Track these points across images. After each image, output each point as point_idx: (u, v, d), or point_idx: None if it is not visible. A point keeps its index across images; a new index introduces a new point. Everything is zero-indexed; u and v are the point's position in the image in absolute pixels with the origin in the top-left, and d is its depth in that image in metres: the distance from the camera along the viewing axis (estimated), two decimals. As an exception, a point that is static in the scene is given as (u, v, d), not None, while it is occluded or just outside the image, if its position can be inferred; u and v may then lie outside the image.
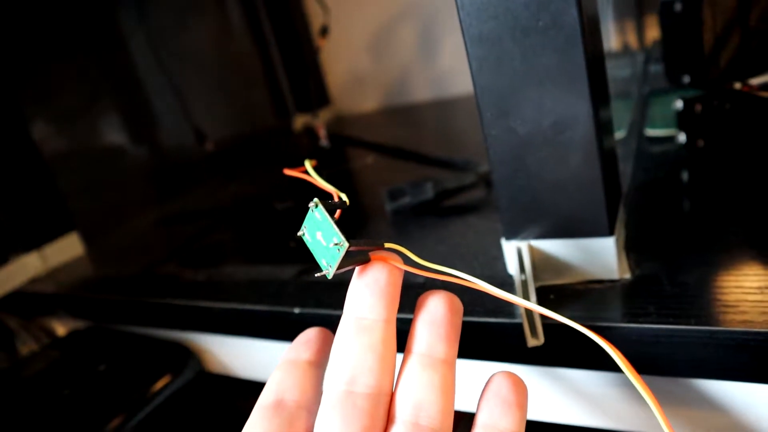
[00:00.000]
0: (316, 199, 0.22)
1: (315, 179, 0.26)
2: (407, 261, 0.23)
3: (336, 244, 0.21)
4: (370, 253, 0.22)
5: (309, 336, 0.25)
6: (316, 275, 0.22)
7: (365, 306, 0.22)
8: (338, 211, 0.22)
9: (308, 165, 0.28)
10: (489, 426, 0.21)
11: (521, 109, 0.25)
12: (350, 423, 0.20)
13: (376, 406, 0.21)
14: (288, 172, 0.29)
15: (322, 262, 0.22)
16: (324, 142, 0.61)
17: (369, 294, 0.22)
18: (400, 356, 0.22)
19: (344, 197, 0.23)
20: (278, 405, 0.23)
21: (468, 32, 0.24)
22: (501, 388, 0.21)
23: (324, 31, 0.67)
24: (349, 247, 0.21)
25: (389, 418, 0.21)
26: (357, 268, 0.22)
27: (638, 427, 0.27)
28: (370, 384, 0.21)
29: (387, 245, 0.23)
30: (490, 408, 0.21)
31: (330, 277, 0.21)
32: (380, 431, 0.21)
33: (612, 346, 0.21)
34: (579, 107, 0.24)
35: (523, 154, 0.25)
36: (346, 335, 0.22)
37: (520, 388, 0.21)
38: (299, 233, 0.22)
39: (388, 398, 0.22)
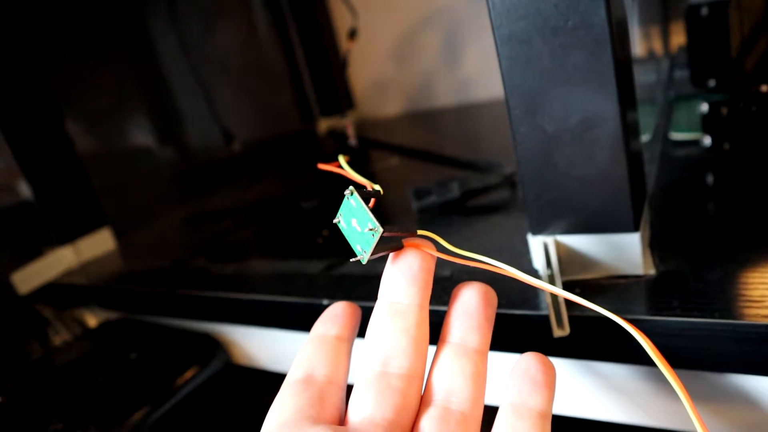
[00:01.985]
0: (351, 187, 0.22)
1: (349, 172, 0.27)
2: (440, 248, 0.23)
3: (371, 230, 0.21)
4: (404, 240, 0.23)
5: (337, 311, 0.25)
6: (351, 260, 0.23)
7: (399, 291, 0.23)
8: (372, 200, 0.23)
9: (342, 160, 0.29)
10: (518, 404, 0.21)
11: (549, 107, 0.25)
12: (384, 400, 0.21)
13: (409, 386, 0.22)
14: (322, 166, 0.30)
15: (357, 247, 0.22)
16: (352, 141, 0.62)
17: (403, 279, 0.23)
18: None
19: (378, 187, 0.24)
20: (308, 380, 0.22)
21: (498, 32, 0.25)
22: (530, 368, 0.22)
23: (353, 34, 0.68)
24: (384, 232, 0.21)
25: (422, 401, 0.22)
26: (391, 254, 0.23)
27: (666, 423, 0.28)
28: (403, 365, 0.22)
29: (420, 232, 0.24)
30: (519, 387, 0.21)
31: (365, 262, 0.22)
32: (413, 411, 0.21)
33: (644, 335, 0.21)
34: (606, 105, 0.24)
35: (551, 150, 0.26)
36: (381, 319, 0.23)
37: (548, 369, 0.22)
38: (335, 220, 0.23)
39: (421, 380, 0.22)
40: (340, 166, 0.28)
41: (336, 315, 0.25)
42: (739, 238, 0.28)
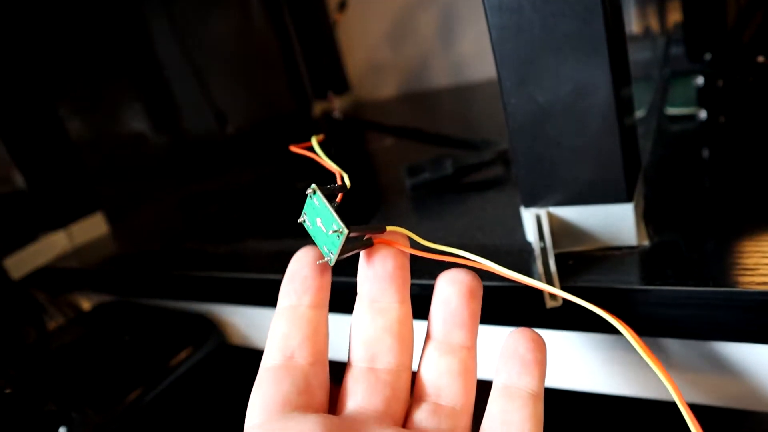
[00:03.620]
0: (313, 185, 0.22)
1: (319, 157, 0.26)
2: (411, 243, 0.23)
3: (335, 231, 0.20)
4: (374, 238, 0.22)
5: (304, 272, 0.22)
6: (318, 263, 0.22)
7: (377, 293, 0.22)
8: (340, 195, 0.22)
9: (314, 141, 0.28)
10: (508, 387, 0.21)
11: (541, 77, 0.25)
12: (374, 393, 0.21)
13: (397, 379, 0.22)
14: (294, 149, 0.29)
15: (324, 248, 0.21)
16: (337, 114, 0.61)
17: (378, 282, 0.22)
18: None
19: (347, 179, 0.23)
20: (289, 364, 0.21)
21: (488, 1, 0.25)
22: (518, 347, 0.21)
23: (342, 5, 0.66)
24: (349, 233, 0.20)
25: (413, 397, 0.22)
26: (362, 254, 0.22)
27: (657, 394, 0.28)
28: (390, 361, 0.22)
29: (389, 228, 0.22)
30: (509, 368, 0.21)
31: (332, 264, 0.21)
32: (403, 404, 0.22)
33: (625, 325, 0.21)
34: (598, 74, 0.24)
35: (543, 121, 0.26)
36: (363, 318, 0.22)
37: (538, 345, 0.21)
38: (299, 220, 0.22)
39: (409, 372, 0.22)
40: (312, 149, 0.27)
41: (305, 277, 0.22)
42: (734, 209, 0.28)
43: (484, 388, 0.23)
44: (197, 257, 0.42)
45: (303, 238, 0.38)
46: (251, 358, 0.43)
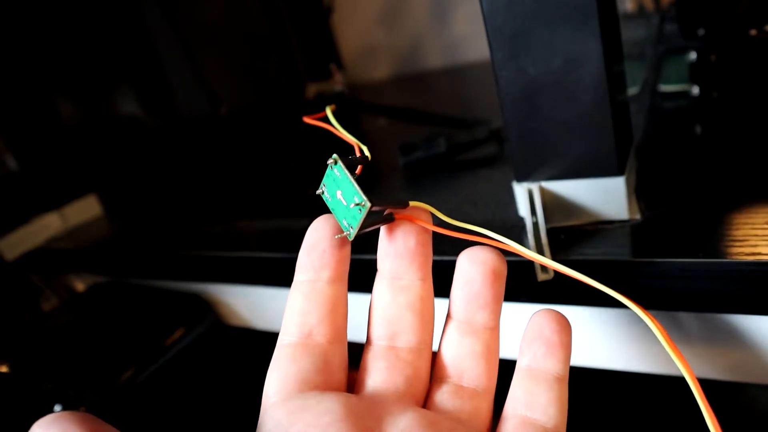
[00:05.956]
0: (335, 155, 0.20)
1: (336, 129, 0.25)
2: (434, 220, 0.22)
3: (357, 204, 0.20)
4: (395, 213, 0.21)
5: (323, 244, 0.21)
6: (336, 237, 0.21)
7: (399, 269, 0.21)
8: (359, 167, 0.21)
9: (329, 111, 0.27)
10: (533, 369, 0.21)
11: (532, 49, 0.25)
12: (395, 372, 0.21)
13: (419, 358, 0.21)
14: (307, 120, 0.28)
15: (343, 222, 0.20)
16: (339, 86, 0.60)
17: (400, 258, 0.21)
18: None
19: (366, 151, 0.22)
20: (307, 342, 0.21)
21: (480, -28, 0.24)
22: (543, 329, 0.21)
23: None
24: (372, 207, 0.19)
25: (433, 377, 0.22)
26: (383, 229, 0.21)
27: (652, 367, 0.28)
28: (411, 340, 0.21)
29: (412, 203, 0.22)
30: (534, 350, 0.21)
31: (351, 238, 0.20)
32: (424, 383, 0.21)
33: (636, 303, 0.20)
34: (589, 46, 0.24)
35: (534, 94, 0.25)
36: (384, 295, 0.22)
37: (562, 326, 0.21)
38: (318, 191, 0.21)
39: (430, 351, 0.22)
40: (327, 120, 0.26)
41: (323, 251, 0.21)
42: (725, 182, 0.28)
43: (505, 368, 0.22)
44: (191, 237, 0.42)
45: (296, 217, 0.39)
46: (245, 337, 0.43)
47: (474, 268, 0.21)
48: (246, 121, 0.70)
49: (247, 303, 0.41)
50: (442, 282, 0.23)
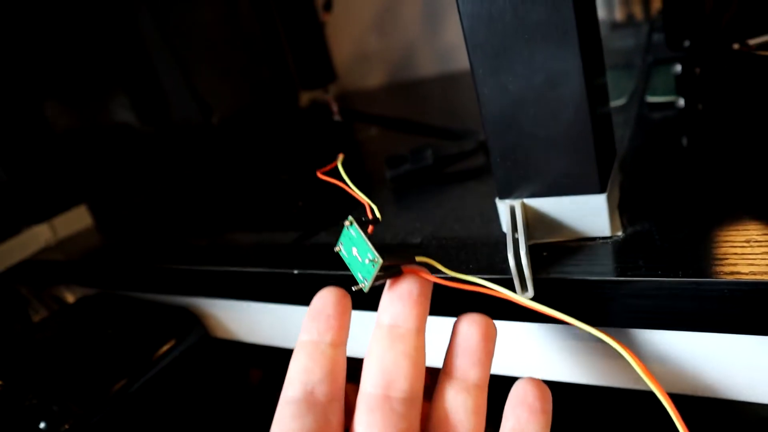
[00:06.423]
0: (350, 217, 0.23)
1: (348, 187, 0.28)
2: (438, 273, 0.25)
3: (371, 260, 0.22)
4: (402, 266, 0.24)
5: (328, 311, 0.24)
6: (353, 288, 0.23)
7: (399, 316, 0.23)
8: (371, 227, 0.24)
9: (340, 165, 0.30)
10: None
11: (512, 65, 0.25)
12: (389, 425, 0.22)
13: (411, 409, 0.22)
14: (321, 175, 0.31)
15: (358, 275, 0.23)
16: (337, 117, 0.61)
17: (402, 305, 0.23)
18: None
19: (377, 212, 0.25)
20: (309, 400, 0.22)
21: (460, -11, 0.24)
22: (527, 395, 0.23)
23: (327, 6, 0.66)
24: (384, 263, 0.22)
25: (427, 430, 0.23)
26: (388, 280, 0.24)
27: (625, 383, 0.28)
28: (405, 389, 0.22)
29: (418, 259, 0.25)
30: (517, 415, 0.22)
31: (366, 290, 0.23)
32: None
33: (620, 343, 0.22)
34: (569, 62, 0.24)
35: (515, 111, 0.25)
36: (382, 343, 0.23)
37: (544, 394, 0.23)
38: (336, 249, 0.24)
39: (421, 401, 0.23)
40: (338, 174, 0.30)
41: (328, 316, 0.23)
42: (708, 197, 0.28)
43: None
44: (180, 250, 0.42)
45: (282, 230, 0.38)
46: (233, 350, 0.43)
47: (470, 329, 0.24)
48: (238, 129, 0.70)
49: (236, 316, 0.41)
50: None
